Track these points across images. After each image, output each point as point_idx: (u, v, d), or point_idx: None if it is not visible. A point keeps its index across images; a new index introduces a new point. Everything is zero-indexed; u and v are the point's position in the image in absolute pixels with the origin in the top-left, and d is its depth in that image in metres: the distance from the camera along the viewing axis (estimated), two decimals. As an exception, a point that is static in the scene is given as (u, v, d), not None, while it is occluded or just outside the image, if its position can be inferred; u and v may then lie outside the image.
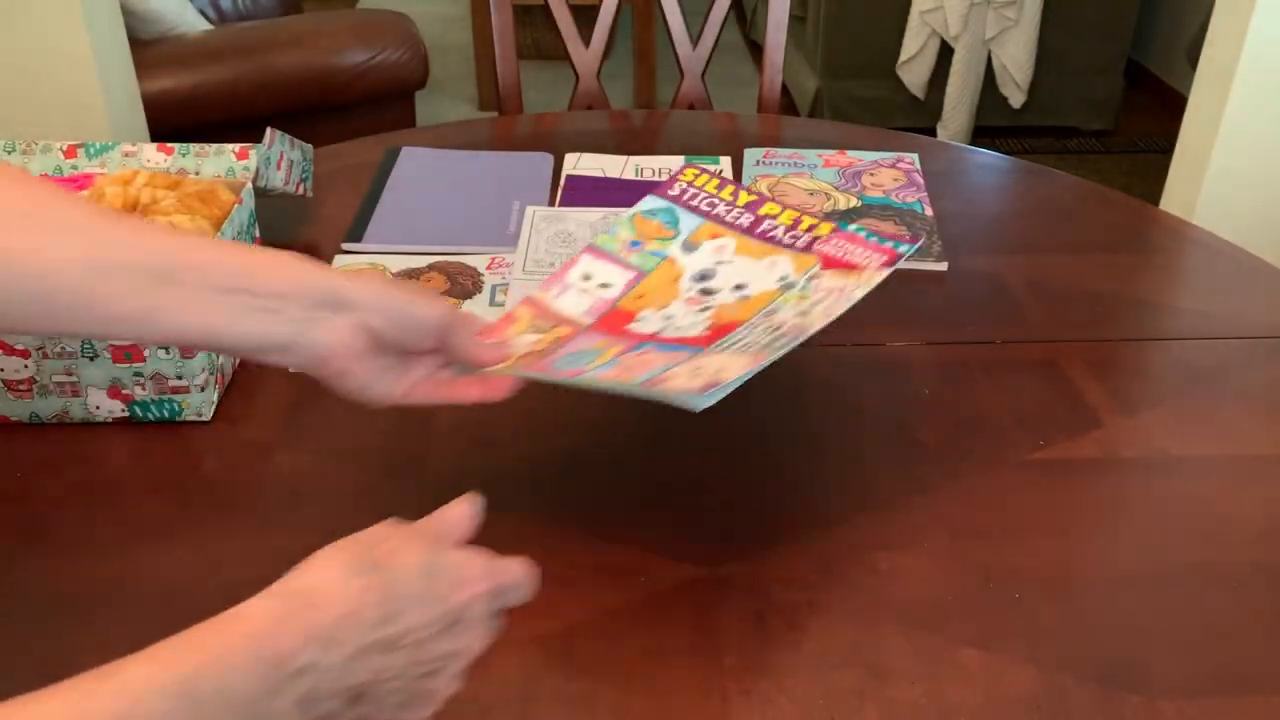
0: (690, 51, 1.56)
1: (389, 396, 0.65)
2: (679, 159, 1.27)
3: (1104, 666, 0.64)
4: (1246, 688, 0.63)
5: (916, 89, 3.10)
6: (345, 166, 1.23)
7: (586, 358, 0.71)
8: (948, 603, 0.69)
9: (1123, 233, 1.15)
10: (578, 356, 0.72)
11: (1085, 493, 0.78)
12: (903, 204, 1.17)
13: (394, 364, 0.65)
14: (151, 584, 0.69)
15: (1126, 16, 3.09)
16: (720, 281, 0.81)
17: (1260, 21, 1.84)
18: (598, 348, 0.73)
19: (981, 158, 1.32)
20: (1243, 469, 0.81)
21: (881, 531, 0.74)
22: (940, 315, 0.99)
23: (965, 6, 2.92)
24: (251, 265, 0.60)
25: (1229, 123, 1.93)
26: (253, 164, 1.00)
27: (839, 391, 0.89)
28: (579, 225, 1.12)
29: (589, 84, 1.57)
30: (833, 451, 0.82)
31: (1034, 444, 0.83)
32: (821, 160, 1.25)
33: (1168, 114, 3.35)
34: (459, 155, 1.27)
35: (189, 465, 0.80)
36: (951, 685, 0.63)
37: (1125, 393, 0.89)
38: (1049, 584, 0.70)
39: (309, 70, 2.33)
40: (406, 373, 0.66)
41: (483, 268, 1.04)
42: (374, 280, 0.63)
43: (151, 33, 2.27)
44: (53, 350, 0.79)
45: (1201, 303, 1.02)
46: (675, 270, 0.82)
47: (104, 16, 1.84)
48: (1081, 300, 1.01)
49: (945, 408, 0.87)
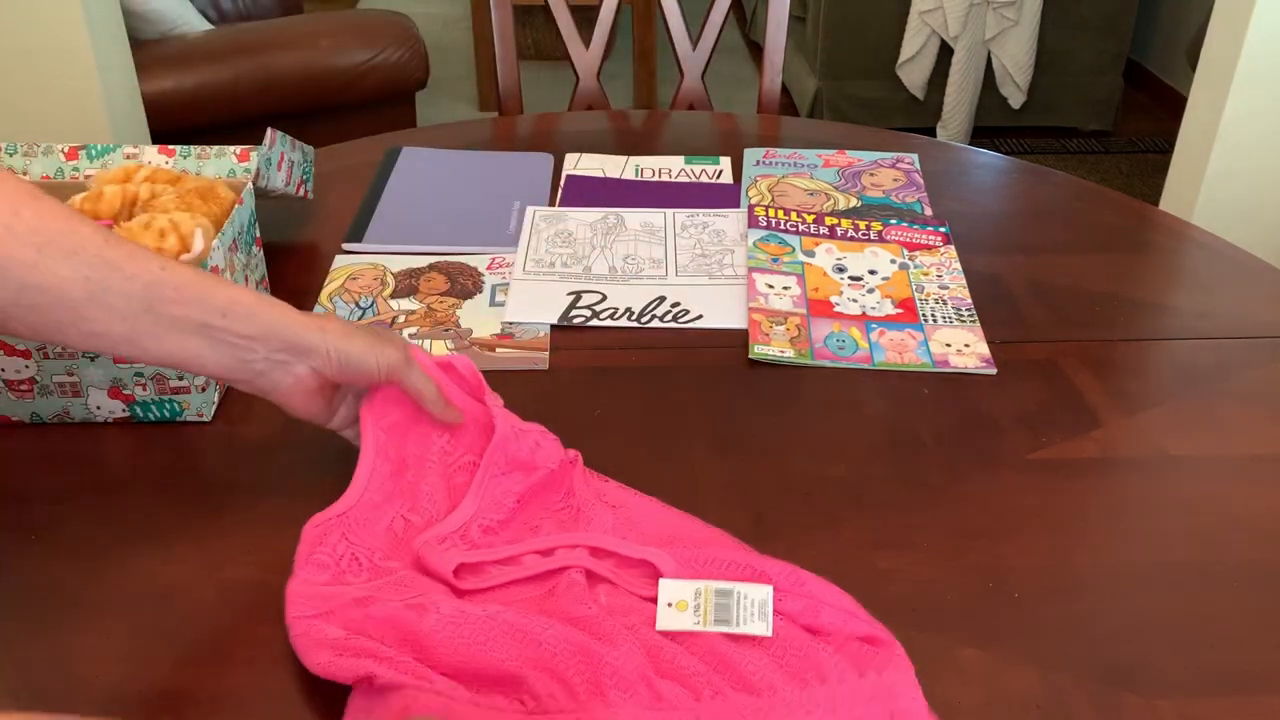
0: (690, 51, 1.56)
1: (325, 423, 0.75)
2: (679, 159, 1.27)
3: (1103, 666, 0.64)
4: (1246, 688, 0.63)
5: (916, 89, 3.10)
6: (345, 166, 1.23)
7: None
8: (948, 603, 0.69)
9: (1123, 233, 1.15)
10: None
11: (1085, 493, 0.79)
12: (902, 204, 1.17)
13: (342, 396, 0.75)
14: (151, 584, 0.69)
15: (1126, 16, 3.09)
16: (856, 270, 1.03)
17: (1260, 22, 1.84)
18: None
19: (981, 158, 1.32)
20: (1242, 469, 0.81)
21: (881, 531, 0.74)
22: (940, 315, 0.99)
23: (965, 6, 2.92)
24: (228, 305, 0.66)
25: (1228, 123, 1.93)
26: (253, 165, 1.00)
27: (839, 391, 0.89)
28: (579, 225, 1.12)
29: (589, 84, 1.57)
30: (833, 451, 0.82)
31: (1034, 444, 0.83)
32: (821, 160, 1.25)
33: (1167, 114, 3.35)
34: (459, 155, 1.27)
35: (189, 465, 0.80)
36: (951, 685, 0.63)
37: (1125, 393, 0.89)
38: (1049, 584, 0.70)
39: (309, 70, 2.34)
40: (348, 407, 0.75)
41: (483, 268, 1.04)
42: (334, 326, 0.70)
43: (152, 33, 2.27)
44: (54, 351, 0.79)
45: (1201, 303, 1.02)
46: (819, 269, 1.03)
47: (104, 17, 1.84)
48: (1081, 300, 1.01)
49: (945, 408, 0.87)
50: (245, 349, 0.67)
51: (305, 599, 0.64)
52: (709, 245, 1.09)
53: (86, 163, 1.01)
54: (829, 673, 0.60)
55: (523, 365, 0.91)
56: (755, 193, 1.19)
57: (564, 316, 0.97)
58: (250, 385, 0.70)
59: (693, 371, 0.91)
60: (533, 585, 0.67)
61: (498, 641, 0.60)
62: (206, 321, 0.65)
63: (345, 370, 0.70)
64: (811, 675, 0.60)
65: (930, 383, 0.90)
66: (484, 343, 0.94)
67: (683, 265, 1.05)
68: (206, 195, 0.90)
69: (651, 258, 1.06)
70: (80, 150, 1.01)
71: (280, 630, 0.63)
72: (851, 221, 1.11)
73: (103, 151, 1.01)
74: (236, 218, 0.88)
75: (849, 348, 0.92)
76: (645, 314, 0.98)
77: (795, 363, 0.91)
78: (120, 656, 0.64)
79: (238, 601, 0.68)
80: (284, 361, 0.68)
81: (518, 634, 0.60)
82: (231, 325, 0.66)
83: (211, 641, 0.65)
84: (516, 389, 0.78)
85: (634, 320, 0.97)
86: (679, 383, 0.89)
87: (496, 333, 0.95)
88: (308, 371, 0.69)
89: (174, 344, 0.65)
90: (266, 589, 0.67)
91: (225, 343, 0.66)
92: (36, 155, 1.01)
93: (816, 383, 0.90)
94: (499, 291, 1.01)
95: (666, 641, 0.61)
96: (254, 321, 0.67)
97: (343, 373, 0.70)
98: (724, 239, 1.10)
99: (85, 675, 0.63)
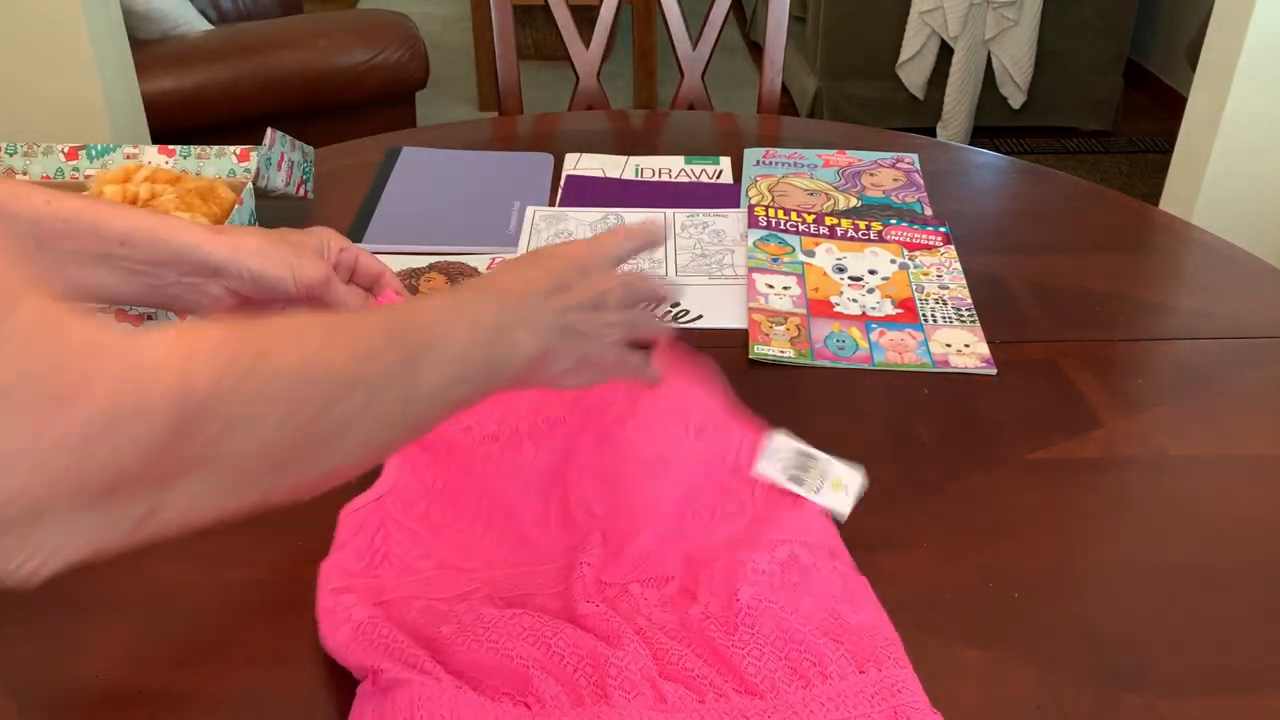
0: (690, 51, 1.56)
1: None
2: (679, 159, 1.27)
3: (1103, 666, 0.64)
4: (1245, 688, 0.63)
5: (916, 89, 3.10)
6: (345, 166, 1.23)
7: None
8: (948, 603, 0.69)
9: (1123, 233, 1.15)
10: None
11: (1085, 493, 0.79)
12: (902, 204, 1.17)
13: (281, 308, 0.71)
14: (151, 584, 0.69)
15: (1126, 16, 3.09)
16: (856, 270, 1.03)
17: (1260, 22, 1.84)
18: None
19: (981, 158, 1.32)
20: (1242, 469, 0.81)
21: (881, 531, 0.74)
22: (940, 315, 0.99)
23: (965, 6, 2.92)
24: (127, 233, 0.63)
25: (1228, 123, 1.93)
26: (253, 165, 1.00)
27: (839, 391, 0.89)
28: (579, 225, 1.12)
29: (589, 84, 1.57)
30: (833, 451, 0.82)
31: (1034, 444, 0.83)
32: (821, 160, 1.25)
33: (1167, 114, 3.35)
34: (459, 155, 1.27)
35: (189, 465, 0.80)
36: (951, 685, 0.63)
37: (1125, 393, 0.89)
38: (1049, 584, 0.70)
39: (309, 70, 2.33)
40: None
41: (483, 268, 1.04)
42: (249, 244, 0.67)
43: (152, 33, 2.27)
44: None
45: (1201, 303, 1.02)
46: (819, 269, 1.03)
47: (104, 17, 1.84)
48: (1081, 300, 1.01)
49: (945, 408, 0.87)
50: (153, 275, 0.64)
51: (340, 575, 0.64)
52: (709, 245, 1.09)
53: (86, 163, 1.01)
54: (831, 670, 0.60)
55: (523, 365, 0.91)
56: (755, 193, 1.19)
57: (564, 316, 0.97)
58: (169, 309, 0.67)
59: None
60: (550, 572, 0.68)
61: (508, 643, 0.60)
62: (106, 252, 0.63)
63: (260, 290, 0.67)
64: (813, 673, 0.60)
65: (930, 383, 0.90)
66: (484, 343, 0.94)
67: (683, 265, 1.05)
68: (206, 195, 0.90)
69: (651, 258, 1.06)
70: (80, 150, 1.01)
71: (280, 630, 0.63)
72: (851, 221, 1.11)
73: (103, 151, 1.01)
74: (236, 218, 0.88)
75: (849, 348, 0.92)
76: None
77: (795, 363, 0.91)
78: (120, 656, 0.64)
79: (238, 601, 0.68)
80: (196, 284, 0.66)
81: (529, 636, 0.61)
82: (134, 253, 0.63)
83: (211, 641, 0.65)
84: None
85: (634, 320, 0.97)
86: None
87: (496, 333, 0.95)
88: (223, 291, 0.67)
89: (76, 277, 0.62)
90: (266, 589, 0.67)
91: (130, 271, 0.64)
92: (36, 155, 1.01)
93: (816, 383, 0.90)
94: (499, 291, 1.01)
95: (672, 643, 0.62)
96: (157, 247, 0.64)
97: (258, 292, 0.67)
98: (724, 239, 1.10)
99: (85, 675, 0.63)
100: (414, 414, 0.51)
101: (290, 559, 0.67)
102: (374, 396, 0.47)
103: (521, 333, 0.56)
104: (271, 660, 0.63)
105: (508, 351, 0.55)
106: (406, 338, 0.49)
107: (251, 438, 0.42)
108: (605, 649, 0.60)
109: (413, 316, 0.51)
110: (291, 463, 0.45)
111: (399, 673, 0.57)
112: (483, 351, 0.53)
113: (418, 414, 0.51)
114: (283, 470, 0.45)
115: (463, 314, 0.54)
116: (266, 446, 0.43)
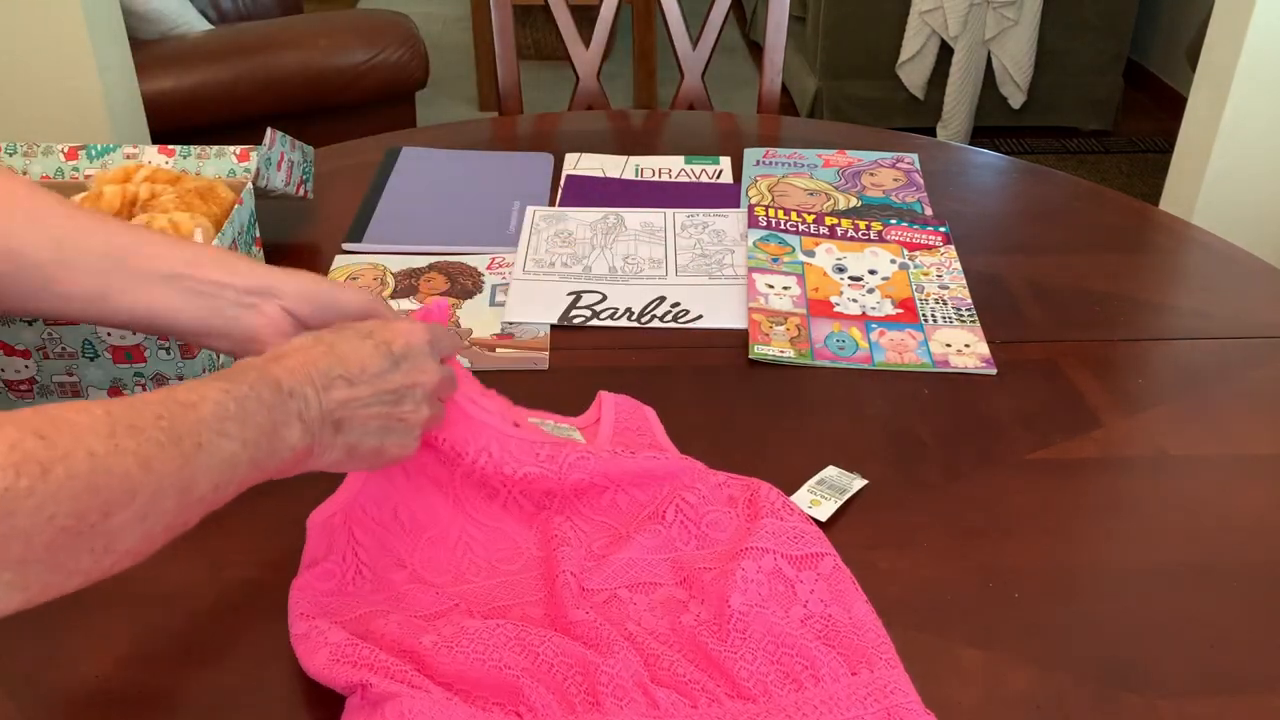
0: (690, 51, 1.56)
1: None
2: (679, 159, 1.27)
3: (1103, 666, 0.64)
4: (1245, 688, 0.63)
5: (916, 89, 3.10)
6: (345, 166, 1.23)
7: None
8: (948, 603, 0.69)
9: (1123, 233, 1.15)
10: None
11: (1085, 493, 0.79)
12: (902, 204, 1.17)
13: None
14: (151, 584, 0.69)
15: (1126, 16, 3.09)
16: (856, 270, 1.03)
17: (1260, 22, 1.84)
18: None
19: (981, 158, 1.32)
20: (1242, 469, 0.81)
21: (881, 531, 0.74)
22: (940, 315, 0.99)
23: (965, 6, 2.92)
24: (193, 257, 0.66)
25: (1228, 123, 1.93)
26: (253, 165, 1.00)
27: (839, 391, 0.89)
28: (579, 225, 1.12)
29: (589, 84, 1.57)
30: (833, 451, 0.82)
31: (1034, 444, 0.83)
32: (821, 160, 1.25)
33: (1167, 114, 3.35)
34: (459, 155, 1.27)
35: (189, 465, 0.80)
36: (951, 685, 0.63)
37: (1125, 393, 0.89)
38: (1049, 584, 0.70)
39: (309, 70, 2.33)
40: None
41: (483, 268, 1.04)
42: (302, 273, 0.69)
43: (151, 33, 2.27)
44: (53, 351, 0.79)
45: (1201, 303, 1.02)
46: (819, 269, 1.03)
47: (104, 17, 1.84)
48: (1081, 300, 1.01)
49: (945, 408, 0.87)
50: (215, 294, 0.65)
51: (309, 600, 0.64)
52: (709, 245, 1.09)
53: (86, 163, 1.01)
54: (822, 672, 0.60)
55: (523, 365, 0.91)
56: (755, 193, 1.19)
57: (564, 316, 0.97)
58: (224, 339, 0.67)
59: (693, 371, 0.91)
60: (530, 580, 0.68)
61: (495, 653, 0.60)
62: (175, 271, 0.65)
63: (316, 306, 0.68)
64: (805, 676, 0.60)
65: (930, 383, 0.90)
66: (484, 343, 0.94)
67: (683, 265, 1.05)
68: (206, 195, 0.90)
69: (651, 258, 1.06)
70: (80, 150, 1.01)
71: (280, 630, 0.63)
72: (851, 221, 1.11)
73: (103, 151, 1.01)
74: (236, 218, 0.88)
75: (849, 348, 0.92)
76: (645, 314, 0.98)
77: (795, 363, 0.91)
78: (120, 656, 0.64)
79: (238, 601, 0.68)
80: (254, 304, 0.67)
81: (515, 645, 0.60)
82: (198, 272, 0.65)
83: (211, 641, 0.65)
84: (516, 389, 0.78)
85: (634, 320, 0.97)
86: (679, 383, 0.89)
87: (496, 333, 0.95)
88: (279, 312, 0.67)
89: (145, 296, 0.64)
90: (266, 589, 0.67)
91: (195, 291, 0.65)
92: (36, 155, 1.01)
93: (816, 383, 0.90)
94: (499, 291, 1.01)
95: (663, 649, 0.62)
96: (220, 267, 0.66)
97: (314, 310, 0.68)
98: (724, 239, 1.10)
99: (85, 675, 0.63)
100: (183, 517, 0.53)
101: (290, 559, 0.67)
102: (151, 503, 0.50)
103: (292, 429, 0.57)
104: (271, 660, 0.63)
105: (277, 446, 0.56)
106: (182, 440, 0.51)
107: (29, 544, 0.44)
108: (595, 656, 0.60)
109: (190, 409, 0.52)
110: (64, 561, 0.47)
111: (386, 686, 0.57)
112: (250, 453, 0.54)
113: (184, 520, 0.53)
114: (56, 566, 0.47)
115: (238, 409, 0.54)
116: (42, 549, 0.45)
